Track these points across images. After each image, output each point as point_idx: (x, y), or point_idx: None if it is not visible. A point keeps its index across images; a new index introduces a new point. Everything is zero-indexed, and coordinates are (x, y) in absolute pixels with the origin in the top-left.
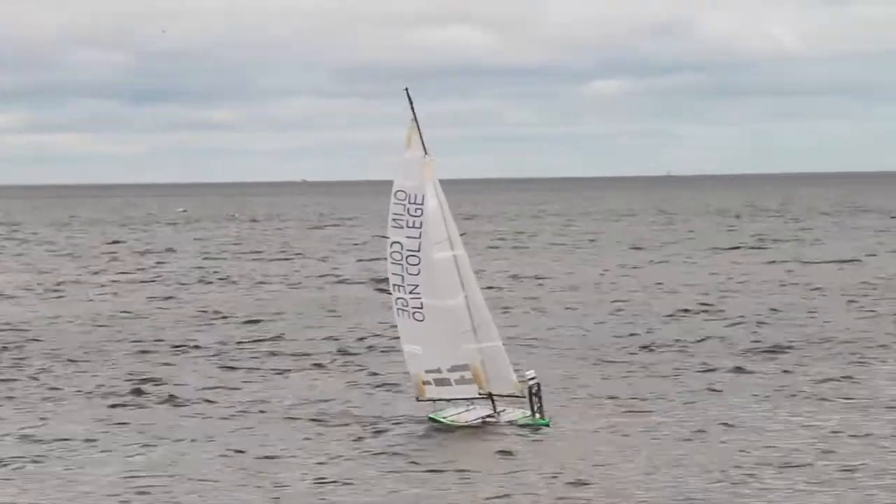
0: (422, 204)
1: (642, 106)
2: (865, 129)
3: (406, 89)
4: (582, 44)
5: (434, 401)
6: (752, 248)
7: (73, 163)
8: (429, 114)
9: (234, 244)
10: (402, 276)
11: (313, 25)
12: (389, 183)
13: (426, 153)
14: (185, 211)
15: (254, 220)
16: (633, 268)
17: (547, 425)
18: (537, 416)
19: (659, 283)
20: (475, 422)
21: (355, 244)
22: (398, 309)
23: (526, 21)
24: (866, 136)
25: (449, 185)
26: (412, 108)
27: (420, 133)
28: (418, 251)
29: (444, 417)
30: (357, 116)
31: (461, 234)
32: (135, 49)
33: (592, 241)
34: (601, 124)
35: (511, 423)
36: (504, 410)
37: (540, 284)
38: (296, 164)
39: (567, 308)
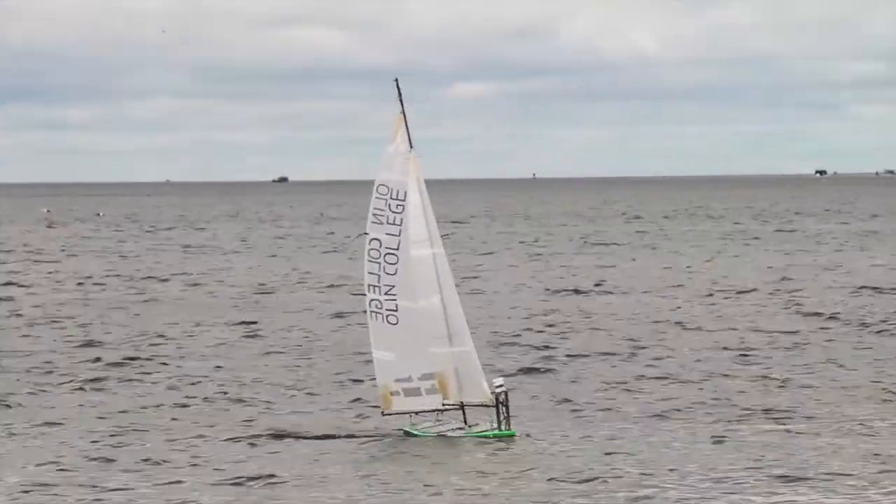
0: (403, 200)
1: (505, 109)
2: (722, 134)
3: (395, 80)
4: (443, 46)
5: (400, 414)
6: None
7: None
8: (287, 114)
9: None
10: (379, 276)
11: (174, 25)
12: (250, 184)
13: (412, 147)
14: (48, 211)
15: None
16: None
17: (513, 435)
18: (503, 426)
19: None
20: (446, 433)
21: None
22: (371, 312)
23: (386, 22)
24: (723, 140)
25: (309, 187)
26: (400, 101)
27: (407, 127)
28: (397, 249)
29: (417, 430)
30: (218, 116)
31: (443, 236)
32: None
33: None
34: (464, 127)
35: (479, 434)
36: (476, 424)
37: None
38: (158, 164)
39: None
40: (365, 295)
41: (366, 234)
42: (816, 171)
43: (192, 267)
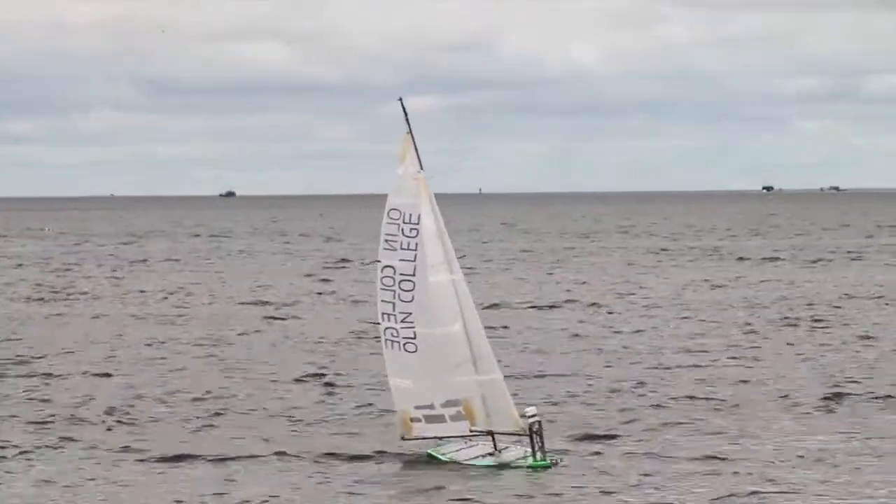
0: (417, 223)
1: (449, 123)
2: (666, 149)
3: (400, 99)
4: (386, 60)
5: (422, 439)
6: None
7: None
8: (232, 128)
9: None
10: (393, 304)
11: (118, 38)
12: (197, 198)
13: (421, 168)
14: (48, 230)
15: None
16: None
17: (548, 466)
18: (538, 455)
19: None
20: (474, 460)
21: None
22: (387, 340)
23: (329, 37)
24: (668, 155)
25: (256, 201)
26: (407, 120)
27: (415, 147)
28: (413, 275)
29: (442, 454)
30: (163, 130)
31: (459, 257)
32: None
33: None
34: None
35: (511, 463)
36: (506, 448)
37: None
38: (102, 178)
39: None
40: (378, 323)
41: (378, 261)
42: (763, 187)
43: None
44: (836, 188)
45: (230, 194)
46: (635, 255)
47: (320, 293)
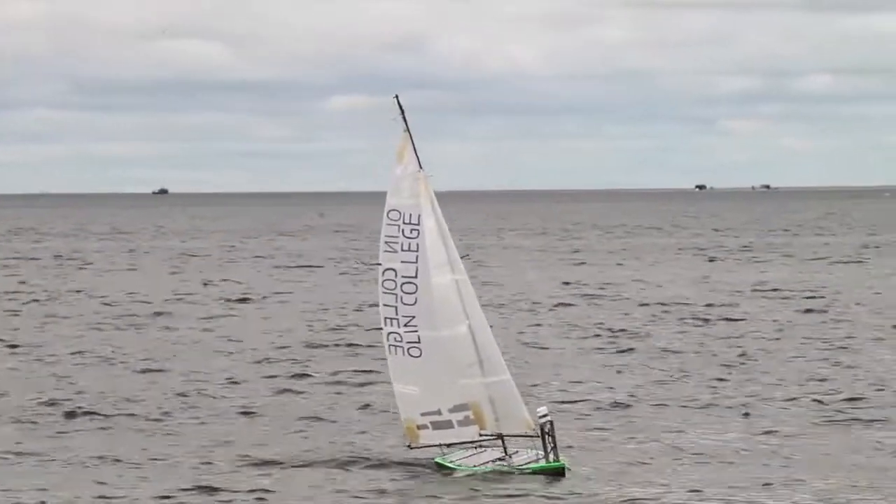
0: (418, 224)
1: (386, 122)
2: (603, 149)
3: (396, 97)
4: (320, 58)
5: (430, 446)
6: None
7: None
8: (166, 126)
9: None
10: (396, 308)
11: (53, 37)
12: (129, 196)
13: (420, 167)
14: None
15: None
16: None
17: (562, 468)
18: (550, 457)
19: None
20: (483, 466)
21: None
22: (390, 345)
23: (263, 35)
24: (604, 154)
25: (189, 199)
26: (404, 119)
27: (414, 145)
28: (415, 277)
29: (451, 462)
30: (97, 128)
31: (462, 257)
32: None
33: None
34: (343, 140)
35: (522, 467)
36: (516, 452)
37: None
38: (34, 176)
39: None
40: (381, 329)
41: (378, 264)
42: (696, 186)
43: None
44: (767, 186)
45: (163, 192)
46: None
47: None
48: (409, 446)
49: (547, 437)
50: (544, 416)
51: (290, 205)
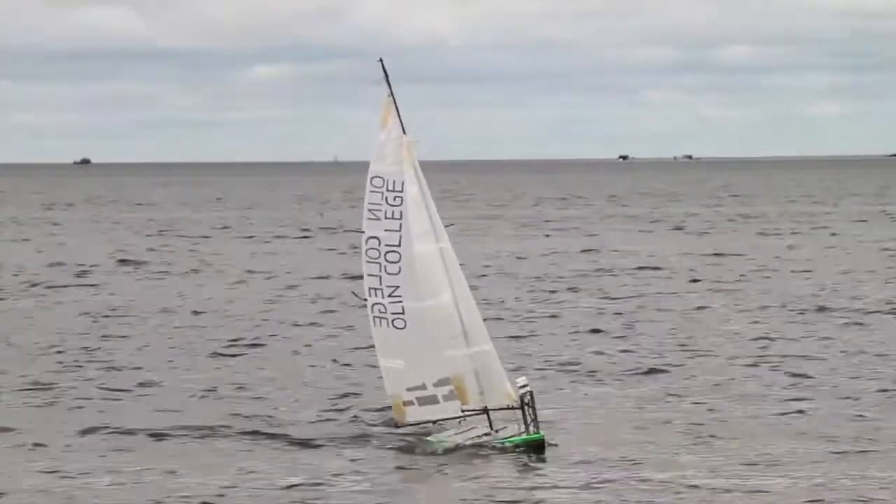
0: (401, 191)
1: (304, 91)
2: (521, 118)
3: (381, 60)
4: (240, 28)
5: (416, 424)
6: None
7: None
8: (87, 95)
9: None
10: (380, 277)
11: None
12: (51, 165)
13: (405, 132)
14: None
15: None
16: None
17: (542, 440)
18: (531, 429)
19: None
20: (468, 443)
21: None
22: (375, 317)
23: (183, 4)
24: (522, 124)
25: (113, 169)
26: (388, 83)
27: (398, 110)
28: (398, 246)
29: (440, 442)
30: (16, 97)
31: (447, 226)
32: None
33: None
34: (263, 109)
35: (504, 441)
36: (504, 428)
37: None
38: None
39: None
40: (366, 300)
41: (361, 232)
42: (620, 156)
43: None
44: (689, 157)
45: (85, 161)
46: None
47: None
48: (397, 425)
49: (527, 408)
50: (524, 386)
51: (214, 175)
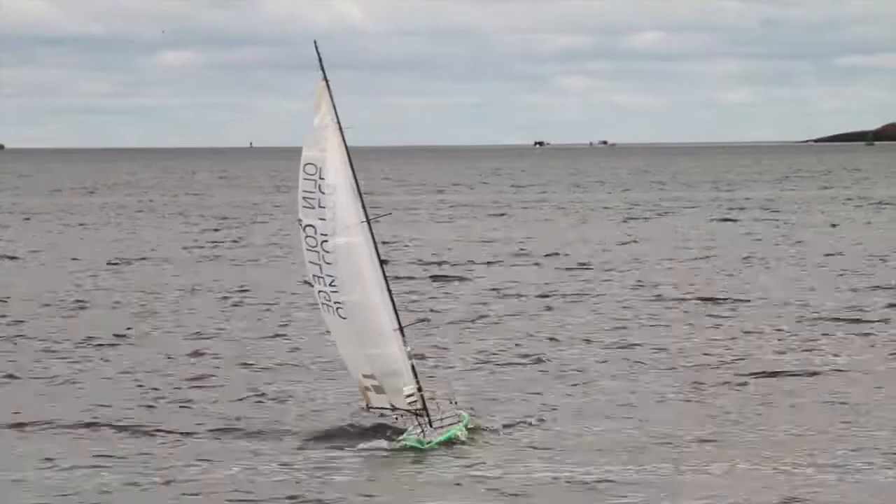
0: (333, 180)
1: (215, 77)
2: (435, 105)
3: (314, 42)
4: (149, 13)
5: (380, 409)
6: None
7: None
8: None
9: None
10: (320, 266)
11: None
12: None
13: (338, 118)
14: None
15: None
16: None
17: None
18: (430, 434)
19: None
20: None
21: None
22: (322, 304)
23: None
24: (436, 111)
25: (23, 155)
26: (321, 67)
27: (331, 95)
28: (333, 235)
29: (420, 442)
30: None
31: (385, 214)
32: None
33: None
34: (173, 96)
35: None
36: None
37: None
38: None
39: None
40: (312, 286)
41: (299, 220)
42: (535, 143)
43: None
44: (605, 142)
45: None
46: None
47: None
48: (367, 407)
49: (418, 416)
50: (410, 395)
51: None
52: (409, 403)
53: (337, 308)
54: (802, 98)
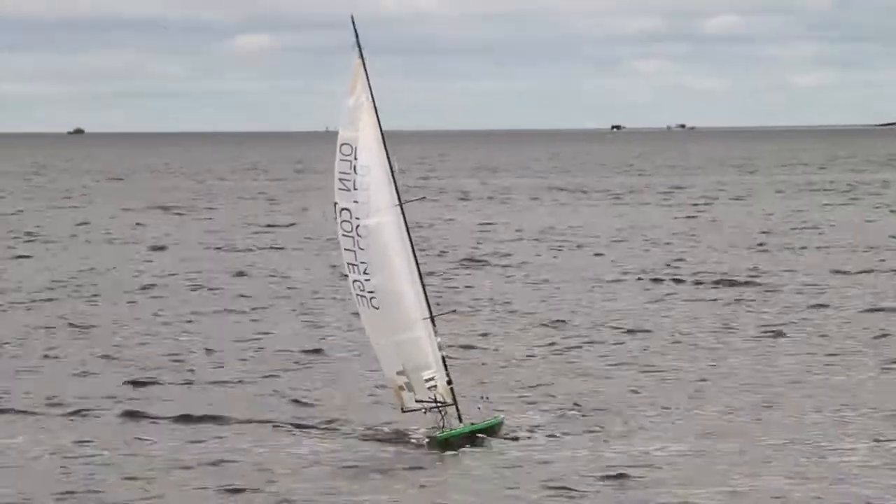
0: (367, 161)
1: (289, 62)
2: (511, 89)
3: (351, 17)
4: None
5: (417, 410)
6: None
7: None
8: (74, 66)
9: None
10: (355, 252)
11: None
12: (44, 135)
13: (373, 98)
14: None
15: None
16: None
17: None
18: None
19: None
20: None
21: None
22: (357, 295)
23: None
24: (512, 95)
25: (107, 139)
26: (359, 46)
27: (367, 74)
28: (368, 218)
29: (452, 434)
30: (3, 68)
31: (419, 199)
32: None
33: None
34: (249, 81)
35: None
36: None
37: None
38: None
39: None
40: (346, 276)
41: (335, 203)
42: (612, 127)
43: None
44: (683, 126)
45: (79, 132)
46: None
47: None
48: (402, 410)
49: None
50: (429, 379)
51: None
52: (429, 388)
53: (371, 298)
54: (873, 81)
